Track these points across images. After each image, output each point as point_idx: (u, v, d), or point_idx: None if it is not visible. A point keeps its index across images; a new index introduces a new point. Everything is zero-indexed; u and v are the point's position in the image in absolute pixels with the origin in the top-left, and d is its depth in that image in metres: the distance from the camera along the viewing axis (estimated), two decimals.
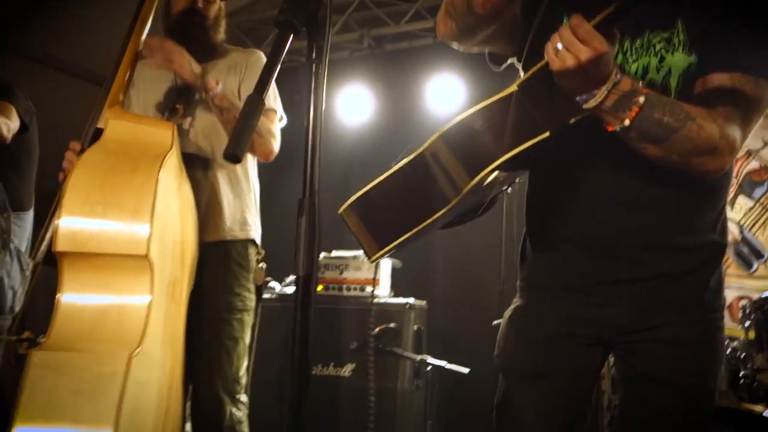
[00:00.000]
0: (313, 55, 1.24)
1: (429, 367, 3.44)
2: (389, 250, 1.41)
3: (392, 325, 3.42)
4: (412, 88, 4.74)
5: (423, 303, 3.68)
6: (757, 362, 2.39)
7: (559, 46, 1.28)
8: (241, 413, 2.30)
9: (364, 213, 1.44)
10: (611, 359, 2.02)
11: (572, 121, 1.36)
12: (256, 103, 1.12)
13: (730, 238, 3.57)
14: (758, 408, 2.27)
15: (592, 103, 1.32)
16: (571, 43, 1.26)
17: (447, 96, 4.53)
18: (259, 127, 2.23)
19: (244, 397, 2.33)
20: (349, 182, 4.48)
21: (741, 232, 3.57)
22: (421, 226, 1.38)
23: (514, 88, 1.35)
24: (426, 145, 1.40)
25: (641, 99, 1.32)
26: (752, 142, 3.69)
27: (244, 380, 2.34)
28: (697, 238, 1.52)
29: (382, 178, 1.43)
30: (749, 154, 3.67)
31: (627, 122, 1.33)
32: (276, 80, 1.27)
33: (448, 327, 3.94)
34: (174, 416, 2.04)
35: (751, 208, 3.61)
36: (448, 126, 1.36)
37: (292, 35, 1.20)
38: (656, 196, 1.48)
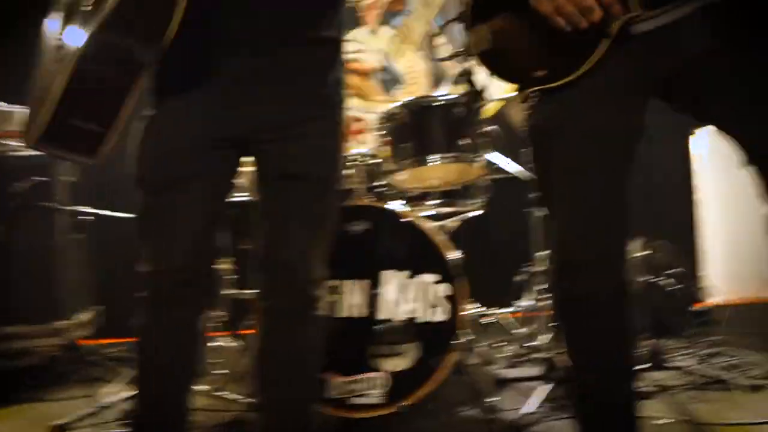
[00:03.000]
0: None
1: (87, 218, 3.36)
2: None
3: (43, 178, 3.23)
4: None
5: None
6: (386, 166, 2.74)
7: None
8: None
9: None
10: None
11: None
12: None
13: (377, 65, 3.93)
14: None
15: None
16: None
17: None
18: None
19: None
20: None
21: (384, 59, 3.93)
22: None
23: None
24: None
25: None
26: None
27: None
28: (319, 32, 1.64)
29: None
30: None
31: None
32: None
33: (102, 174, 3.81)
34: None
35: (392, 37, 3.96)
36: None
37: None
38: None
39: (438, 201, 2.89)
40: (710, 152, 4.12)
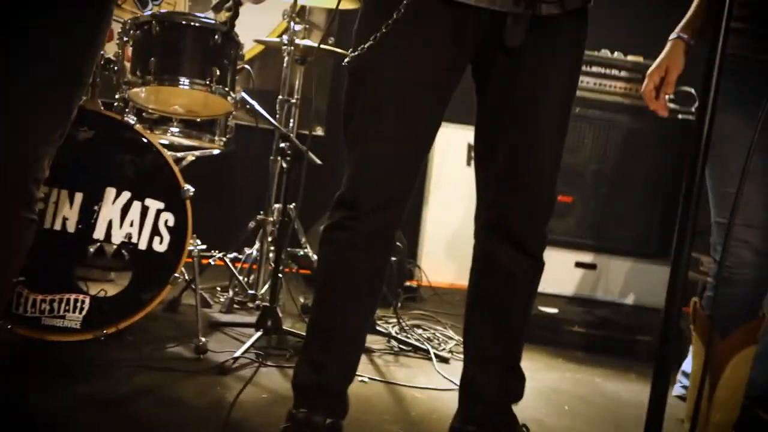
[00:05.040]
0: None
1: None
2: None
3: None
4: None
5: None
6: (124, 78, 2.58)
7: None
8: None
9: None
10: None
11: None
12: None
13: None
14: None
15: None
16: None
17: None
18: None
19: None
20: None
21: None
22: None
23: None
24: None
25: None
26: None
27: None
28: None
29: None
30: None
31: None
32: None
33: None
34: None
35: None
36: None
37: None
38: None
39: (176, 129, 2.74)
40: (446, 150, 4.46)
